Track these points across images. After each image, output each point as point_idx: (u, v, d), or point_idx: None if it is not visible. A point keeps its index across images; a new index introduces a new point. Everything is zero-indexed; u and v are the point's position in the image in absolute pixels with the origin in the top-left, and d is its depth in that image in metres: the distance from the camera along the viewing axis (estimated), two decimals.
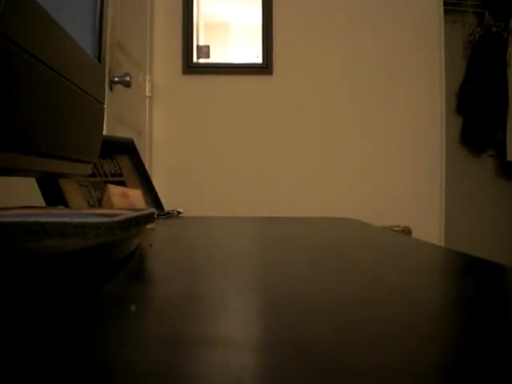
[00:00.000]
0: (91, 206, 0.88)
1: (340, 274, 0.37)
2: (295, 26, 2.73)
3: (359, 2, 2.73)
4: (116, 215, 0.36)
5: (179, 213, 1.12)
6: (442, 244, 2.74)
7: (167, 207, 1.73)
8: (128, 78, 1.86)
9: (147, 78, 2.55)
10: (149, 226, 0.74)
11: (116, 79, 1.82)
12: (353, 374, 0.17)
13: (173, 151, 2.70)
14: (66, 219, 0.32)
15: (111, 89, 1.81)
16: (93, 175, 0.94)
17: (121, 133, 1.92)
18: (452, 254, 0.51)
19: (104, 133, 1.40)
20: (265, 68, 2.70)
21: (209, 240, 0.65)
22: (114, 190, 0.76)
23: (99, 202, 0.90)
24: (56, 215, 0.35)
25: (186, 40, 2.68)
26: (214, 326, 0.23)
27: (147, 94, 2.56)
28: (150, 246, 0.56)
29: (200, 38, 2.73)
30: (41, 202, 0.82)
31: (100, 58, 0.60)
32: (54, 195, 0.80)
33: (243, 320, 0.24)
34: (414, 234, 2.68)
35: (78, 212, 0.40)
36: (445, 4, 2.82)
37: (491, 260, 0.46)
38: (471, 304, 0.28)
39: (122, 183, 1.03)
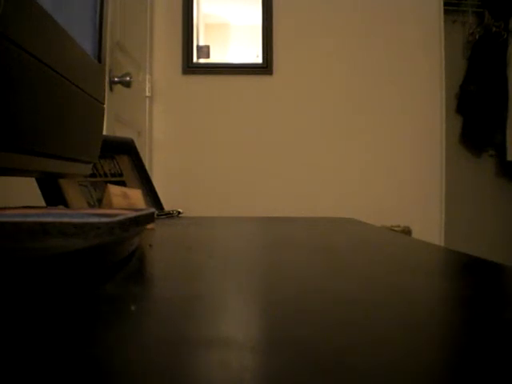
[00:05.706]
0: (91, 206, 0.88)
1: (340, 274, 0.37)
2: (295, 26, 2.73)
3: (359, 2, 2.73)
4: (116, 215, 0.36)
5: (179, 213, 1.12)
6: (442, 244, 2.74)
7: (167, 207, 1.73)
8: (128, 78, 1.86)
9: (147, 77, 2.55)
10: (149, 226, 0.74)
11: (116, 79, 1.82)
12: (353, 374, 0.17)
13: (173, 151, 2.70)
14: (66, 219, 0.32)
15: (111, 89, 1.81)
16: (93, 175, 0.94)
17: (121, 133, 1.92)
18: (452, 254, 0.51)
19: (104, 133, 1.40)
20: (265, 68, 2.70)
21: (209, 240, 0.65)
22: (114, 190, 0.76)
23: (99, 202, 0.90)
24: (56, 215, 0.35)
25: (186, 40, 2.68)
26: (214, 326, 0.23)
27: (147, 93, 2.56)
28: (150, 246, 0.56)
29: (200, 38, 2.73)
30: (41, 202, 0.82)
31: (100, 58, 0.60)
32: (54, 195, 0.80)
33: (243, 320, 0.24)
34: (414, 234, 2.68)
35: (77, 212, 0.40)
36: (445, 4, 2.82)
37: (491, 260, 0.46)
38: (471, 304, 0.28)
39: (122, 183, 1.03)
